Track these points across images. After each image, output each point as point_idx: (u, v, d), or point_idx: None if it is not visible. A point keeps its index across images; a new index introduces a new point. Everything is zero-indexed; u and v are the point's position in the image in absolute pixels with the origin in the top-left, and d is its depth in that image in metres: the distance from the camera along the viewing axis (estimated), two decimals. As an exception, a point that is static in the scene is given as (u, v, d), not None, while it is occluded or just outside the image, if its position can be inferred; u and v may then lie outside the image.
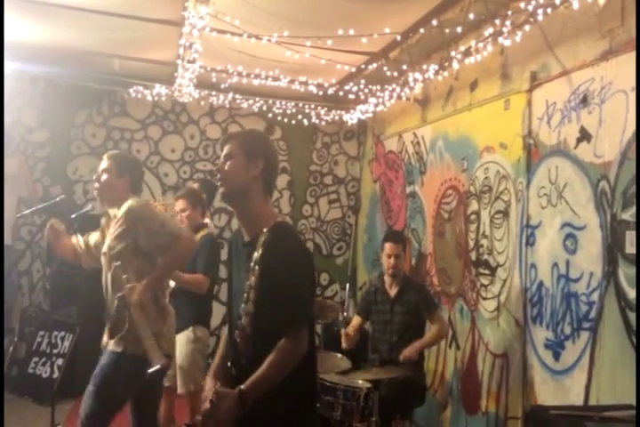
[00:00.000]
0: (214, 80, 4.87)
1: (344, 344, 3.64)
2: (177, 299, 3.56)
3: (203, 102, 5.36)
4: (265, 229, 1.79)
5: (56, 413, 3.52)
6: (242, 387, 1.67)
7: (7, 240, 5.19)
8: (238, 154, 1.86)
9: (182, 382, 3.55)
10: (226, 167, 1.86)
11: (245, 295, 1.77)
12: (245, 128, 5.96)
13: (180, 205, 3.70)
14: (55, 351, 4.87)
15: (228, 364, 1.88)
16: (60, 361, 4.85)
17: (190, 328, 3.56)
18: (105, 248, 2.70)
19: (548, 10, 2.81)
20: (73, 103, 5.50)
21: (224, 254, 2.55)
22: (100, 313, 5.04)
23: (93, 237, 2.94)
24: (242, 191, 1.84)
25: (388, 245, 3.76)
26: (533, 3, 2.85)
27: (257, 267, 1.75)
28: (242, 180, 1.84)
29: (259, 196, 1.86)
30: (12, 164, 5.17)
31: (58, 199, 3.61)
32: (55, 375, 4.70)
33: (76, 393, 4.86)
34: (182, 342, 3.52)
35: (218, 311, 4.12)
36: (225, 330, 2.04)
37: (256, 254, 1.77)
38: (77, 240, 2.97)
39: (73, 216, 3.75)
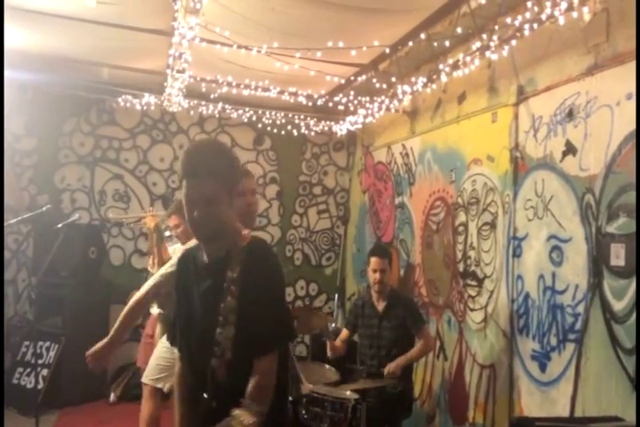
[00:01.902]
0: (204, 90, 4.88)
1: (329, 353, 3.64)
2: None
3: (192, 112, 5.37)
4: (240, 245, 1.67)
5: (40, 424, 3.47)
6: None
7: (-8, 249, 5.14)
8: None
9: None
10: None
11: (221, 319, 1.62)
12: (235, 138, 5.99)
13: (173, 221, 3.65)
14: (40, 362, 4.81)
15: (205, 395, 1.69)
16: (44, 372, 4.79)
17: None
18: None
19: (535, 25, 2.86)
20: (61, 111, 5.48)
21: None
22: (85, 323, 5.02)
23: None
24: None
25: (373, 260, 3.76)
26: (520, 18, 2.90)
27: (234, 287, 1.62)
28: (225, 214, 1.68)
29: (231, 214, 1.70)
30: (-1, 172, 5.14)
31: (44, 208, 3.59)
32: (40, 386, 4.64)
33: (60, 404, 4.81)
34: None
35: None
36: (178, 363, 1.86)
37: (231, 273, 1.63)
38: None
39: (59, 225, 3.73)
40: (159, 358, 3.54)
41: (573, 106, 2.92)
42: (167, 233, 4.07)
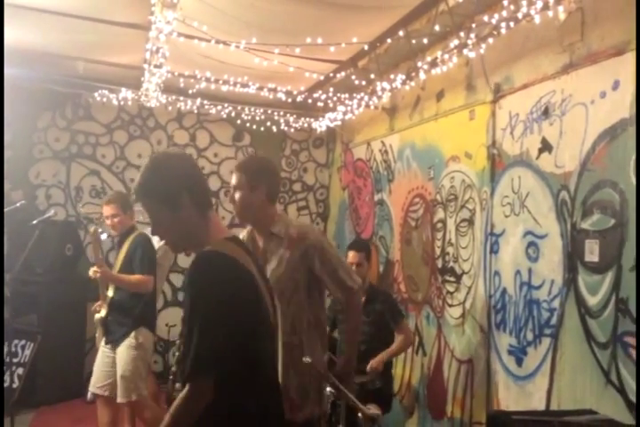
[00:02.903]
0: (182, 85, 4.82)
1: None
2: (114, 311, 3.50)
3: (170, 107, 5.31)
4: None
5: (16, 423, 3.42)
6: None
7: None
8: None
9: (123, 392, 3.39)
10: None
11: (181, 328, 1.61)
12: (214, 134, 5.94)
13: (109, 210, 3.58)
14: (15, 360, 4.73)
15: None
16: (20, 370, 4.70)
17: (132, 333, 3.43)
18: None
19: (511, 23, 2.88)
20: (36, 106, 5.38)
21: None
22: (61, 321, 4.95)
23: None
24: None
25: (350, 254, 3.78)
26: (497, 16, 2.93)
27: (185, 298, 1.57)
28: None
29: (193, 214, 1.61)
30: (-29, 167, 5.03)
31: (19, 204, 3.52)
32: (15, 385, 4.56)
33: (36, 403, 4.74)
34: (123, 348, 3.43)
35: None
36: None
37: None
38: None
39: (35, 222, 3.66)
40: (102, 364, 3.50)
41: (549, 104, 2.96)
42: (104, 236, 4.01)
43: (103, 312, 3.53)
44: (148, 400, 3.56)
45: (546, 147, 2.97)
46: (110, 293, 3.54)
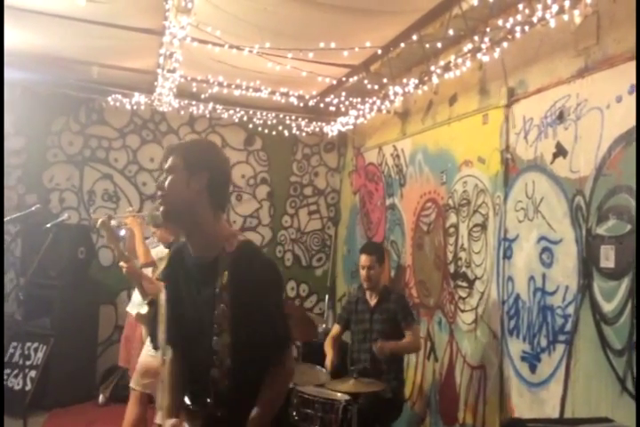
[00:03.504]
0: (195, 90, 4.85)
1: (328, 367, 3.65)
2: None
3: (182, 112, 5.34)
4: (228, 250, 1.63)
5: (29, 425, 3.43)
6: None
7: (-21, 249, 5.08)
8: (180, 168, 1.67)
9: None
10: (166, 183, 1.67)
11: (216, 326, 1.59)
12: (226, 138, 5.96)
13: (152, 227, 3.70)
14: (28, 363, 4.76)
15: (208, 400, 1.65)
16: (33, 373, 4.73)
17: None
18: None
19: (526, 27, 2.87)
20: (50, 110, 5.43)
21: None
22: (74, 324, 4.97)
23: None
24: (185, 209, 1.65)
25: (361, 257, 3.79)
26: (511, 20, 2.91)
27: (225, 294, 1.58)
28: (183, 196, 1.65)
29: (206, 212, 1.66)
30: (-14, 171, 5.08)
31: (33, 208, 3.54)
32: (28, 388, 4.60)
33: (49, 406, 4.76)
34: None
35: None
36: (170, 366, 1.80)
37: (221, 280, 1.59)
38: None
39: (48, 225, 3.69)
40: (145, 363, 3.50)
41: (564, 108, 2.94)
42: (122, 232, 4.03)
43: (146, 309, 3.51)
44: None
45: (560, 151, 2.95)
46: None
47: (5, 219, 2.64)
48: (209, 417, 1.65)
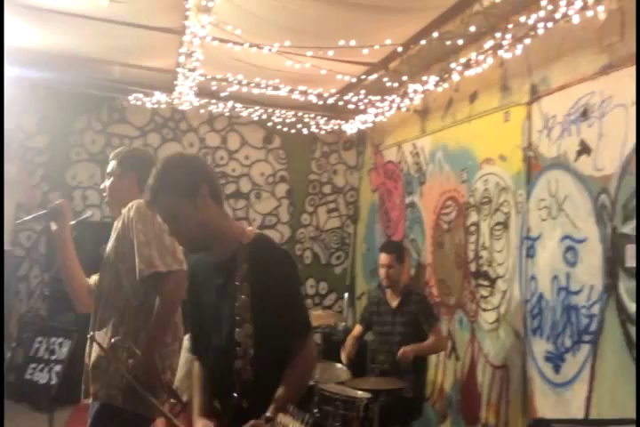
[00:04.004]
0: (214, 88, 4.88)
1: (344, 360, 3.66)
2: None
3: (202, 110, 5.37)
4: (244, 243, 1.67)
5: (54, 419, 3.49)
6: (268, 415, 1.55)
7: (6, 246, 5.17)
8: (180, 203, 1.65)
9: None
10: (180, 227, 1.66)
11: (238, 318, 1.62)
12: (245, 136, 5.99)
13: None
14: (53, 358, 4.82)
15: (234, 394, 1.67)
16: (57, 367, 4.79)
17: (187, 336, 3.52)
18: (108, 248, 2.38)
19: (549, 24, 2.83)
20: (72, 109, 5.50)
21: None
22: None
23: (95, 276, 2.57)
24: (204, 230, 1.67)
25: (381, 256, 3.78)
26: (534, 16, 2.88)
27: (245, 285, 1.62)
28: (198, 224, 1.66)
29: (217, 217, 1.69)
30: (11, 169, 5.16)
31: (56, 204, 3.59)
32: (53, 382, 4.66)
33: (74, 400, 4.83)
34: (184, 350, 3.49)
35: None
36: (194, 364, 1.86)
37: (240, 272, 1.63)
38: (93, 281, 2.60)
39: (72, 223, 3.74)
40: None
41: (587, 105, 2.90)
42: None
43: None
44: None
45: (584, 149, 2.91)
46: None
47: (31, 216, 2.68)
48: (235, 411, 1.67)
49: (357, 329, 3.94)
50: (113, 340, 2.10)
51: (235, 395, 1.66)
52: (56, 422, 3.49)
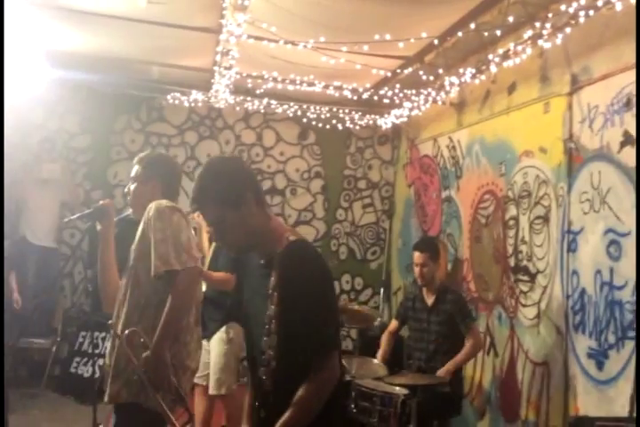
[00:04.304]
0: (250, 86, 4.93)
1: (379, 359, 3.67)
2: (205, 305, 3.60)
3: (238, 108, 5.43)
4: (278, 250, 1.60)
5: (98, 412, 3.58)
6: None
7: (52, 243, 5.36)
8: (228, 214, 1.63)
9: (214, 385, 3.53)
10: (225, 233, 1.64)
11: (267, 327, 1.60)
12: (280, 133, 6.02)
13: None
14: (97, 351, 4.99)
15: (256, 404, 1.68)
16: (101, 361, 4.95)
17: (224, 328, 3.56)
18: (132, 248, 2.42)
19: (590, 12, 2.76)
20: (113, 110, 5.65)
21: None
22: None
23: None
24: (249, 235, 1.64)
25: (414, 254, 3.75)
26: (575, 5, 2.80)
27: (275, 294, 1.58)
28: (244, 228, 1.63)
29: (260, 218, 1.66)
30: (56, 169, 5.35)
31: (100, 204, 3.69)
32: (97, 375, 4.81)
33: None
34: (215, 343, 3.55)
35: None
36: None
37: (272, 280, 1.59)
38: None
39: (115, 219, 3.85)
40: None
41: (631, 95, 2.81)
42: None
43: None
44: (236, 397, 3.62)
45: (628, 140, 2.82)
46: (203, 287, 3.67)
47: (77, 215, 2.76)
48: (256, 418, 1.69)
49: (393, 324, 3.93)
50: (127, 331, 2.15)
51: (256, 403, 1.67)
52: (99, 414, 3.58)
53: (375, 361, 3.70)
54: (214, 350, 3.56)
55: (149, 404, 2.14)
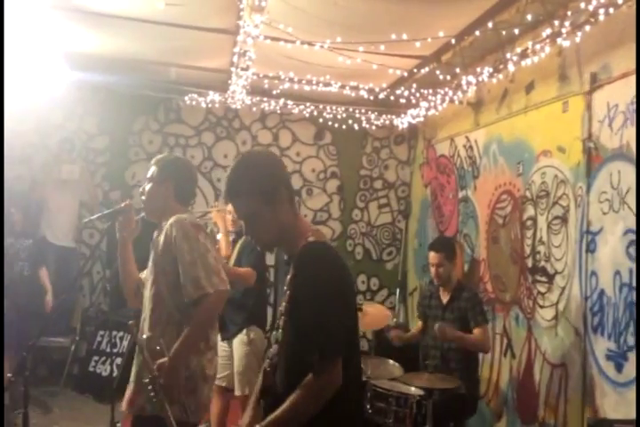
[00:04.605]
0: (266, 86, 4.94)
1: (394, 340, 3.67)
2: (226, 305, 3.62)
3: (254, 108, 5.46)
4: (297, 251, 1.60)
5: (115, 411, 3.62)
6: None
7: (71, 243, 5.43)
8: (259, 206, 1.62)
9: (238, 385, 3.59)
10: (253, 226, 1.64)
11: (277, 322, 1.62)
12: (296, 133, 6.04)
13: (230, 207, 3.75)
14: (115, 351, 5.04)
15: (258, 394, 1.72)
16: (119, 360, 5.01)
17: (244, 331, 3.61)
18: (151, 259, 2.43)
19: (610, 9, 2.72)
20: (131, 111, 5.71)
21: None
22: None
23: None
24: (278, 231, 1.64)
25: (430, 254, 3.73)
26: (594, 2, 2.77)
27: (288, 292, 1.59)
28: (274, 224, 1.62)
29: (289, 216, 1.63)
30: (75, 170, 5.42)
31: (122, 205, 3.74)
32: (115, 374, 4.86)
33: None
34: (237, 344, 3.59)
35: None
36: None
37: (288, 277, 1.60)
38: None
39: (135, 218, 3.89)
40: (220, 357, 3.60)
41: (653, 93, 2.77)
42: (218, 236, 4.12)
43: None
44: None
45: (649, 139, 2.78)
46: None
47: (97, 215, 2.79)
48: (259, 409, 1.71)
49: (419, 325, 3.92)
50: (144, 336, 2.18)
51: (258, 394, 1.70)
52: (117, 413, 3.62)
53: (391, 362, 3.68)
54: (236, 351, 3.59)
55: (175, 416, 2.14)
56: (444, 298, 3.69)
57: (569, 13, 3.01)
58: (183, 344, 2.19)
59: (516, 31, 3.34)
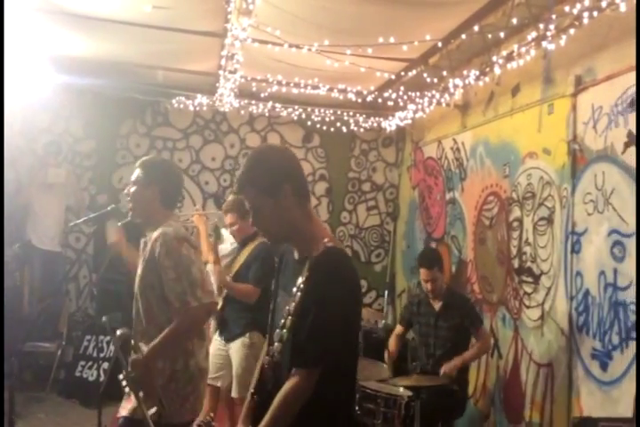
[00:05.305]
0: (254, 89, 4.95)
1: (387, 360, 3.67)
2: (230, 306, 3.62)
3: (242, 111, 5.45)
4: (314, 254, 1.61)
5: (103, 415, 3.59)
6: None
7: (57, 247, 5.38)
8: (263, 197, 1.65)
9: (236, 388, 3.54)
10: (258, 217, 1.67)
11: (283, 321, 1.63)
12: (284, 136, 6.04)
13: (229, 219, 3.68)
14: (102, 355, 4.99)
15: (252, 390, 1.74)
16: (106, 365, 4.96)
17: (247, 334, 3.56)
18: (138, 273, 2.44)
19: (594, 13, 2.76)
20: (118, 114, 5.68)
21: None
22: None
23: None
24: (285, 227, 1.66)
25: (422, 271, 3.74)
26: (579, 6, 2.81)
27: (299, 293, 1.60)
28: (280, 219, 1.65)
29: (298, 216, 1.66)
30: (61, 173, 5.37)
31: (109, 208, 3.73)
32: (102, 379, 4.81)
33: (122, 396, 4.98)
34: (237, 347, 3.55)
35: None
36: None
37: (300, 280, 1.61)
38: None
39: (119, 224, 3.86)
40: (215, 356, 3.55)
41: (635, 95, 2.81)
42: (226, 233, 4.10)
43: (219, 305, 3.55)
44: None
45: (632, 141, 2.82)
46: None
47: (83, 219, 2.78)
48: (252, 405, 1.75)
49: (399, 329, 3.93)
50: (119, 331, 2.19)
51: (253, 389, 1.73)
52: (104, 417, 3.59)
53: (379, 363, 3.69)
54: (236, 354, 3.56)
55: (174, 420, 2.23)
56: (436, 305, 3.71)
57: (554, 17, 3.04)
58: (158, 346, 2.23)
59: (502, 34, 3.38)
